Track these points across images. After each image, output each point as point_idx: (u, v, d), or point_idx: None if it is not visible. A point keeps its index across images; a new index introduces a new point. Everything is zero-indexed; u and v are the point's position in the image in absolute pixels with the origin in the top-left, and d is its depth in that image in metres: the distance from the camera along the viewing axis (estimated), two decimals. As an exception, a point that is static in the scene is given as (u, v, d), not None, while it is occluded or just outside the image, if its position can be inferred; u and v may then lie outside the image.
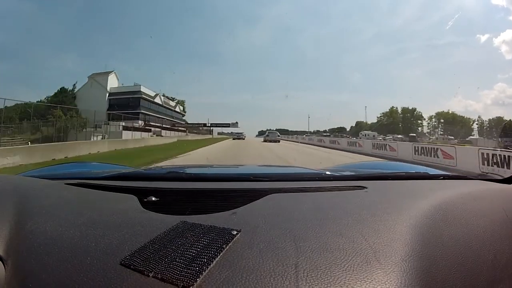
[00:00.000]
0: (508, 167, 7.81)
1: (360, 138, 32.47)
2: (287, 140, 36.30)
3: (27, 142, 15.93)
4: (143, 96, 37.10)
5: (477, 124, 60.34)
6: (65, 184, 0.80)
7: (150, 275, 0.37)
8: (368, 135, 42.02)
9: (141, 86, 37.77)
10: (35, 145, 12.32)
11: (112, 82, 37.06)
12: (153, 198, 0.66)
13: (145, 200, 0.65)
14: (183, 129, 46.99)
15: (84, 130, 22.72)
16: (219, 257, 0.40)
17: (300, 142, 31.10)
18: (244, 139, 38.01)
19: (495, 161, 8.10)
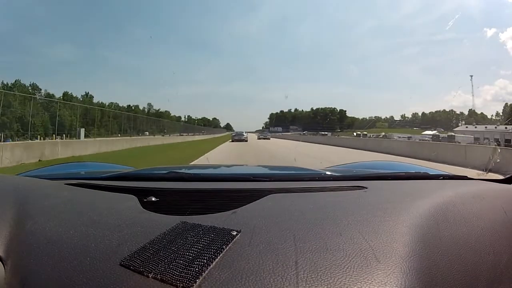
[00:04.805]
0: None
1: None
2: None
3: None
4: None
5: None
6: (65, 184, 0.80)
7: (150, 276, 0.37)
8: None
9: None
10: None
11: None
12: (153, 199, 0.66)
13: (145, 200, 0.65)
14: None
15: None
16: (218, 258, 0.40)
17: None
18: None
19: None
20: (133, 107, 74.21)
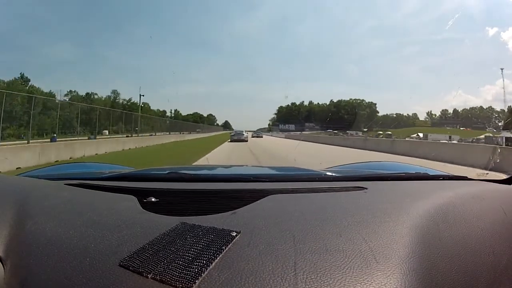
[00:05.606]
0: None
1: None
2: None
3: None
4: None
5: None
6: (64, 184, 0.80)
7: (149, 277, 0.37)
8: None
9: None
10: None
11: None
12: (153, 199, 0.66)
13: (144, 200, 0.65)
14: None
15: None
16: (218, 258, 0.40)
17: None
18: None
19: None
20: (92, 96, 52.04)
